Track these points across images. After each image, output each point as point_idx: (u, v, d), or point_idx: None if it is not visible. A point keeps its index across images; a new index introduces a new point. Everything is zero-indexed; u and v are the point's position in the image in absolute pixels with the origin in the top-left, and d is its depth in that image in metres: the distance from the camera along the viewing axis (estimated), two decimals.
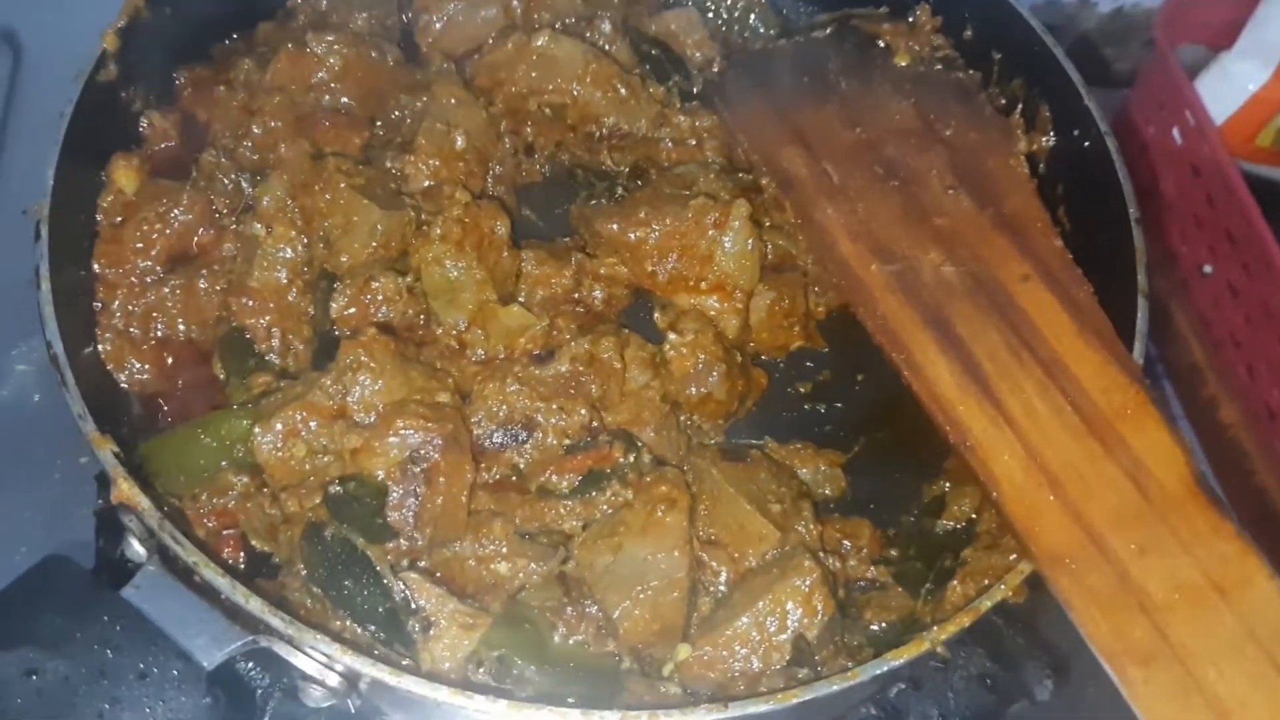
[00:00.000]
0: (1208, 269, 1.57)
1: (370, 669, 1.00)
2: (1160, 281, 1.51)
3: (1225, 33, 1.62)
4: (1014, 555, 1.16)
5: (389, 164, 1.34)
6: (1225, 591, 1.07)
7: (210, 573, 1.01)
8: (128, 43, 1.35)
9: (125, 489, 1.04)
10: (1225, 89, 1.58)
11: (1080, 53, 1.98)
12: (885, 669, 1.05)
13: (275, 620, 0.99)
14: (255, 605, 1.00)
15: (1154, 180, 1.62)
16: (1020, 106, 1.51)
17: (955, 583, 1.20)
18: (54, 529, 1.40)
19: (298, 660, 1.02)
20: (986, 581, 1.16)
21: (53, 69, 1.65)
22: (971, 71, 1.55)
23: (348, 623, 1.10)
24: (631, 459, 1.21)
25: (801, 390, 1.40)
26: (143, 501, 1.04)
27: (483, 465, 1.20)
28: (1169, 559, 1.10)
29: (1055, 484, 1.15)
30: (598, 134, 1.49)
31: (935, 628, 1.09)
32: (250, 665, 1.17)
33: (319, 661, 1.02)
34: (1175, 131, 1.57)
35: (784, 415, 1.38)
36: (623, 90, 1.46)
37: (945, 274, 1.32)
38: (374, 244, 1.28)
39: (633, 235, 1.35)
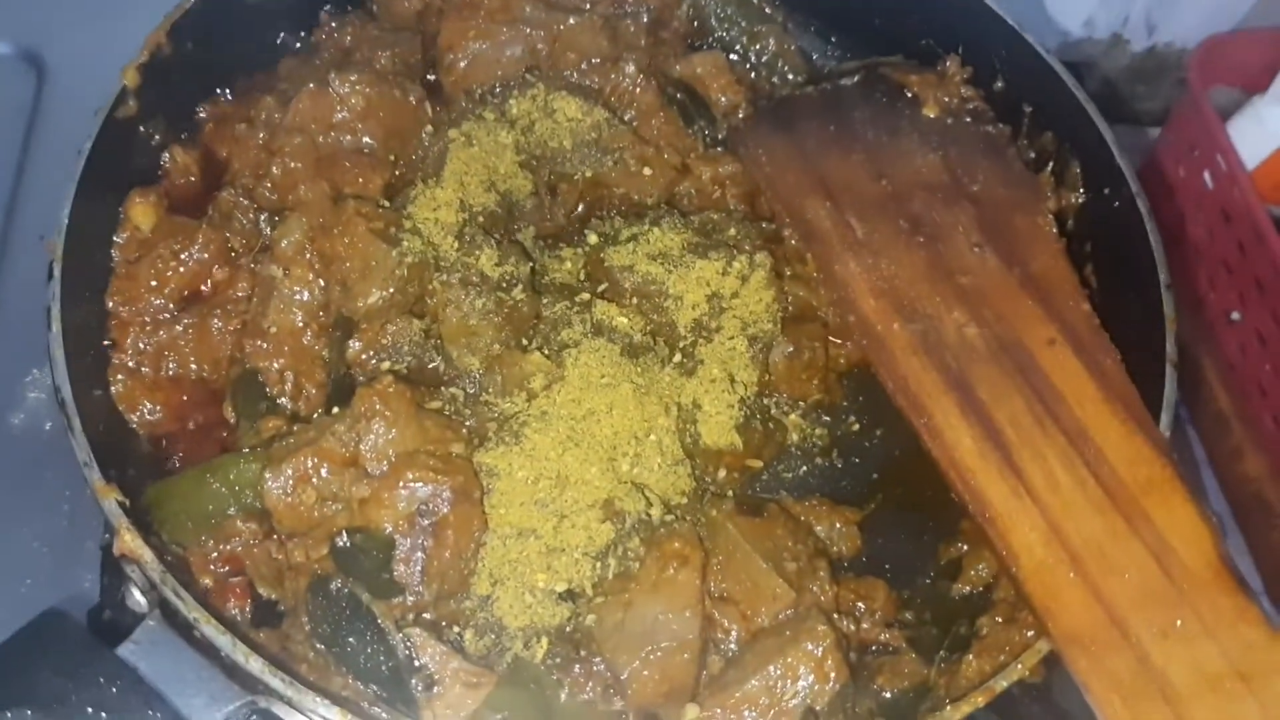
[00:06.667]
0: (1235, 315, 1.54)
1: None
2: (1186, 326, 1.49)
3: (1259, 76, 1.59)
4: (1031, 631, 1.13)
5: (410, 207, 1.33)
6: (1250, 680, 1.04)
7: (211, 629, 1.00)
8: (149, 78, 1.34)
9: (129, 541, 1.03)
10: (1258, 134, 1.55)
11: (1109, 92, 1.97)
12: None
13: (275, 681, 0.98)
14: (256, 665, 0.99)
15: (1183, 224, 1.60)
16: (1050, 162, 1.48)
17: (971, 656, 1.17)
18: (60, 561, 1.39)
19: None
20: (1003, 658, 1.13)
21: (78, 92, 1.65)
22: (1001, 125, 1.52)
23: (350, 679, 1.09)
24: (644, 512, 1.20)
25: (818, 444, 1.37)
26: (146, 554, 1.03)
27: None
28: (1192, 643, 1.07)
29: (1076, 560, 1.13)
30: (609, 200, 1.48)
31: (949, 706, 1.07)
32: (249, 717, 1.15)
33: None
34: (1206, 175, 1.54)
35: (800, 469, 1.36)
36: (632, 164, 1.46)
37: (968, 335, 1.30)
38: (391, 288, 1.26)
39: None
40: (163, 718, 0.95)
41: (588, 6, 1.55)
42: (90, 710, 0.92)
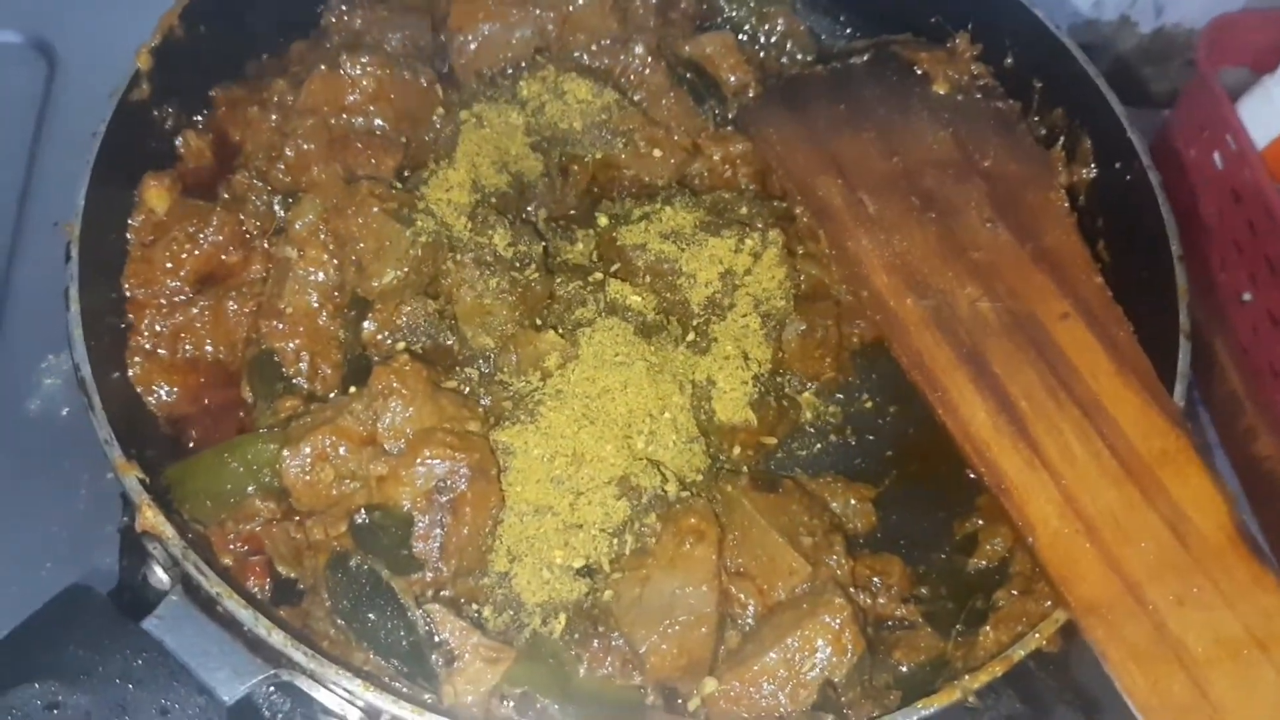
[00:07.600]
0: (1247, 296, 1.54)
1: (392, 706, 0.99)
2: (1198, 307, 1.49)
3: (1268, 55, 1.59)
4: (1049, 602, 1.13)
5: (423, 187, 1.33)
6: (1267, 648, 1.04)
7: (233, 604, 1.00)
8: (161, 61, 1.35)
9: (150, 517, 1.04)
10: (1268, 113, 1.54)
11: (1118, 73, 1.97)
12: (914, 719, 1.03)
13: (297, 654, 0.99)
14: (278, 639, 0.99)
15: (1193, 204, 1.60)
16: (1061, 138, 1.48)
17: (988, 627, 1.17)
18: (79, 545, 1.39)
19: (319, 694, 1.01)
20: (1020, 628, 1.14)
21: (88, 80, 1.67)
22: (1011, 101, 1.52)
23: (371, 655, 1.09)
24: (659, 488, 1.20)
25: (832, 421, 1.38)
26: (167, 530, 1.04)
27: None
28: (1209, 611, 1.07)
29: (1092, 531, 1.13)
30: (619, 182, 1.48)
31: (967, 676, 1.07)
32: (271, 690, 1.16)
33: (341, 696, 1.01)
34: (1216, 155, 1.54)
35: (814, 447, 1.36)
36: (642, 145, 1.46)
37: (982, 310, 1.30)
38: (406, 268, 1.27)
39: None
40: (187, 690, 0.95)
41: None
42: (117, 682, 0.92)
